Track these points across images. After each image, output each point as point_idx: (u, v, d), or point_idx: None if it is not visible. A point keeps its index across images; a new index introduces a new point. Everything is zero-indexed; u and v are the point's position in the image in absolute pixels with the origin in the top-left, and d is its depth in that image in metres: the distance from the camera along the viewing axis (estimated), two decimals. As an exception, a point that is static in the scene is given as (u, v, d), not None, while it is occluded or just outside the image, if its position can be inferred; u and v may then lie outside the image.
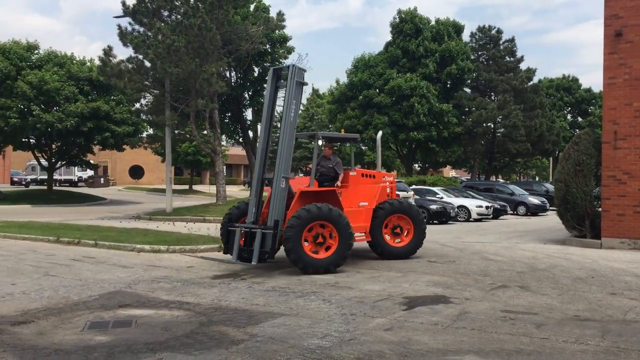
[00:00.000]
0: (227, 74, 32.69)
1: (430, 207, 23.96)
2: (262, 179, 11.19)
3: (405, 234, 12.51)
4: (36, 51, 35.93)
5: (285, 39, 37.68)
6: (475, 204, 26.50)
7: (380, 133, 21.74)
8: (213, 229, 18.56)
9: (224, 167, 30.17)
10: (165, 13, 25.65)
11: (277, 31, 33.03)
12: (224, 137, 36.17)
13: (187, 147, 51.88)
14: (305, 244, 10.54)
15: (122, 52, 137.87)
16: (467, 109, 44.98)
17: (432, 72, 41.81)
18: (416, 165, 56.10)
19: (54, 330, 6.78)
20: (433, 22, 44.21)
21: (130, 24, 24.97)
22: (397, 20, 43.93)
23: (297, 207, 10.73)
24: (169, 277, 10.40)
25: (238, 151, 65.56)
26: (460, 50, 42.80)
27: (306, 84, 11.45)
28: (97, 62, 32.84)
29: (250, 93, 36.74)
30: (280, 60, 39.89)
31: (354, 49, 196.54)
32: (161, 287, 9.44)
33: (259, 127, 44.24)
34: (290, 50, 39.23)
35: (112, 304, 8.17)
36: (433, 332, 6.83)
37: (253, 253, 10.46)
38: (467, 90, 46.20)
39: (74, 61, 35.87)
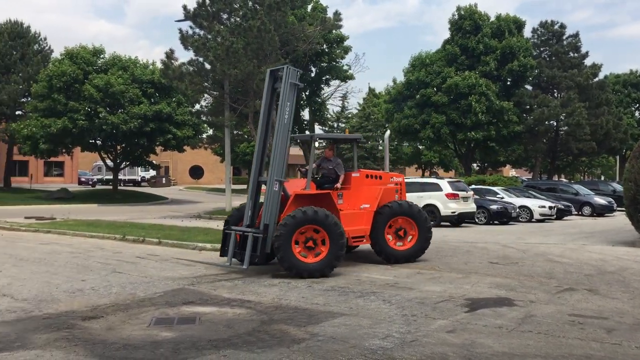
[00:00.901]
0: (285, 75, 32.97)
1: (491, 207, 23.46)
2: (257, 181, 10.96)
3: (409, 237, 12.05)
4: (102, 55, 37.25)
5: (341, 38, 37.77)
6: (537, 204, 25.77)
7: (388, 132, 21.57)
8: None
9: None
10: (225, 16, 26.08)
11: (333, 31, 33.13)
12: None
13: (246, 147, 52.62)
14: (297, 248, 10.29)
15: (183, 55, 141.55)
16: (528, 107, 43.77)
17: (492, 70, 40.87)
18: (475, 164, 55.02)
19: (122, 326, 6.99)
20: (493, 19, 43.23)
21: (191, 27, 25.51)
22: (456, 17, 43.19)
23: (291, 209, 10.51)
24: (230, 275, 10.55)
25: (294, 151, 66.06)
26: (522, 47, 41.70)
27: (300, 85, 11.17)
28: (159, 65, 33.80)
29: (307, 93, 36.99)
30: (337, 60, 39.97)
31: (411, 47, 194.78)
32: (222, 285, 9.60)
33: (316, 126, 44.47)
34: (346, 50, 39.28)
35: (176, 301, 8.36)
36: (497, 335, 6.67)
37: (245, 256, 10.34)
38: (529, 87, 44.96)
39: (138, 64, 36.99)
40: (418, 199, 22.05)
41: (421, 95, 41.22)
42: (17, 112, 43.21)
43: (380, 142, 66.44)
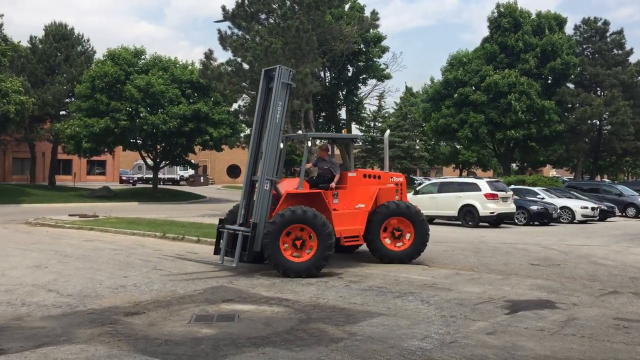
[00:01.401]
0: (322, 74, 33.03)
1: (531, 207, 23.05)
2: (251, 180, 10.94)
3: (406, 237, 11.79)
4: (143, 56, 37.98)
5: (379, 38, 37.67)
6: (579, 205, 25.20)
7: (387, 132, 21.34)
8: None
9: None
10: (263, 16, 26.27)
11: (371, 30, 33.03)
12: (318, 136, 36.53)
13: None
14: (286, 246, 10.29)
15: (222, 55, 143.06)
16: (569, 106, 42.88)
17: (532, 68, 40.16)
18: (514, 164, 54.14)
19: (163, 322, 7.11)
20: (534, 16, 42.49)
21: (229, 27, 25.79)
22: (496, 14, 42.59)
23: (283, 208, 10.50)
24: (268, 273, 10.62)
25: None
26: (564, 44, 40.84)
27: (292, 84, 11.17)
28: (198, 65, 34.26)
29: (344, 92, 37.00)
30: (375, 59, 39.85)
31: (449, 46, 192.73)
32: (261, 283, 9.67)
33: (352, 125, 44.51)
34: (384, 50, 39.17)
35: (215, 299, 8.47)
36: (539, 338, 6.56)
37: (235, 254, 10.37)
38: (571, 85, 44.02)
39: (177, 65, 37.57)
40: (456, 199, 21.88)
41: (459, 94, 40.78)
42: (61, 112, 44.40)
43: (417, 141, 66.03)
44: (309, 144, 11.70)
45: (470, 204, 21.48)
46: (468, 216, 21.55)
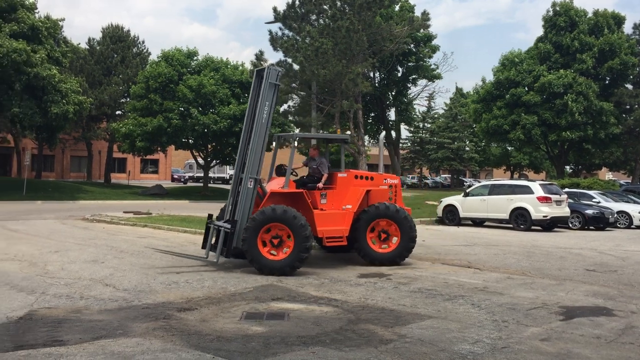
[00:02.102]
0: (372, 75, 32.95)
1: (586, 211, 22.37)
2: (239, 178, 11.10)
3: (392, 240, 11.63)
4: (195, 57, 38.70)
5: (429, 37, 37.33)
6: (637, 210, 24.31)
7: (382, 134, 20.86)
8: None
9: (367, 167, 30.40)
10: (314, 17, 26.39)
11: (421, 30, 32.75)
12: (366, 137, 36.43)
13: (331, 147, 53.06)
14: (264, 244, 10.43)
15: (273, 56, 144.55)
16: (628, 107, 41.39)
17: (589, 68, 38.96)
18: (568, 167, 52.67)
19: (215, 319, 7.25)
20: (590, 14, 41.22)
21: (280, 28, 25.99)
22: (551, 13, 41.51)
23: (265, 206, 10.66)
24: (317, 273, 10.68)
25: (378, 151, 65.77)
26: (623, 44, 39.46)
27: (279, 85, 11.27)
28: (248, 66, 34.70)
29: (393, 93, 36.81)
30: (425, 59, 39.47)
31: (502, 46, 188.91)
32: (310, 283, 9.73)
33: (402, 126, 44.27)
34: (434, 49, 38.76)
35: (265, 297, 8.57)
36: (595, 345, 6.38)
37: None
38: (629, 86, 42.50)
39: (228, 66, 38.12)
40: (507, 201, 21.44)
41: (511, 95, 39.90)
42: (117, 112, 45.73)
43: (467, 142, 65.04)
44: (295, 144, 11.77)
45: (522, 206, 21.02)
46: (520, 219, 21.09)
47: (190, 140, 39.20)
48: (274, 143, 11.14)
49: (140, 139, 35.94)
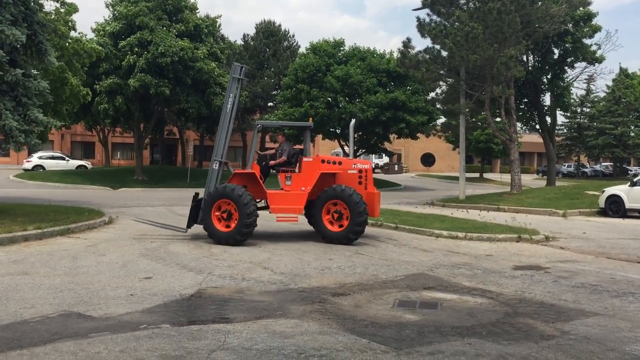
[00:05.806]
0: (524, 58, 31.33)
1: None
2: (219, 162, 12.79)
3: (344, 219, 12.44)
4: (342, 48, 39.31)
5: (589, 16, 34.54)
6: None
7: (353, 121, 19.78)
8: (509, 218, 18.07)
9: (518, 154, 28.99)
10: (463, 1, 25.63)
11: (580, 8, 30.45)
12: (518, 124, 34.73)
13: (479, 135, 51.37)
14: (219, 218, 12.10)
15: (420, 44, 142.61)
16: None
17: None
18: None
19: (368, 305, 7.36)
20: None
21: (428, 15, 25.59)
22: None
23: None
24: (469, 264, 10.45)
25: (531, 138, 62.51)
26: None
27: (243, 79, 12.92)
28: (395, 54, 34.57)
29: (548, 77, 34.67)
30: (583, 40, 36.65)
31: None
32: (462, 273, 9.54)
33: (557, 112, 41.51)
34: (595, 29, 35.78)
35: (417, 285, 8.54)
36: None
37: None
38: None
39: (375, 55, 38.26)
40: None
41: (688, 73, 35.91)
42: (269, 104, 47.87)
43: (632, 128, 59.62)
44: (257, 130, 13.28)
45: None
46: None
47: (337, 130, 39.95)
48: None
49: (287, 127, 37.20)
